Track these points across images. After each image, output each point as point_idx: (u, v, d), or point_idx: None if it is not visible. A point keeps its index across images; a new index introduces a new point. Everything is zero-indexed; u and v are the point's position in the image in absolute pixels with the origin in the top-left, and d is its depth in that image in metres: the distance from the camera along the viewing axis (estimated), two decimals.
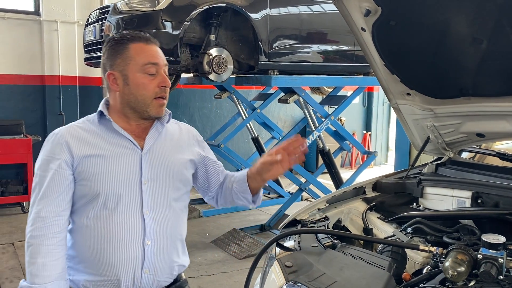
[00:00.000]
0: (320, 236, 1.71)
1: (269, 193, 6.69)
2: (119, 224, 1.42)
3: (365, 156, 5.84)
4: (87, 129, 1.47)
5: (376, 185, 2.27)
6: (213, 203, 1.73)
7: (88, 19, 4.63)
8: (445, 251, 1.42)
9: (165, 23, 3.90)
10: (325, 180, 5.80)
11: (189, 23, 3.96)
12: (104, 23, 4.12)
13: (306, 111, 5.23)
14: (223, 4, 4.11)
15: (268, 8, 4.36)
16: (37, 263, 1.34)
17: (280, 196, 6.41)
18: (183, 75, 5.35)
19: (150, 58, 1.45)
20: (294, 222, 1.89)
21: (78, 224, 1.45)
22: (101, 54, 4.65)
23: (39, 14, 6.16)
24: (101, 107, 1.50)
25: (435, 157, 2.42)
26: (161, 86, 1.46)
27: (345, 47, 4.99)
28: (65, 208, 1.41)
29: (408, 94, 2.10)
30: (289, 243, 1.74)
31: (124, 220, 1.42)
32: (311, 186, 5.23)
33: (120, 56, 1.45)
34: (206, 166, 1.65)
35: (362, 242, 1.80)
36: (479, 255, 1.34)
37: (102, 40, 4.16)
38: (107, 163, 1.42)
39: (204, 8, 4.00)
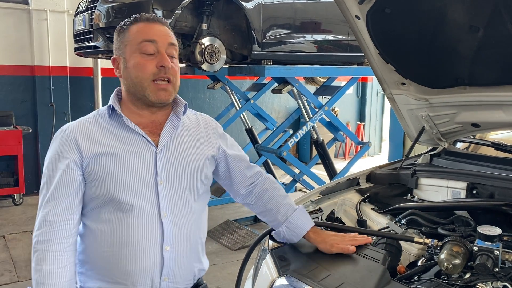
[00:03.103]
0: None
1: None
2: (135, 228, 1.31)
3: (359, 146, 5.83)
4: (97, 125, 1.35)
5: (370, 176, 2.25)
6: (248, 208, 1.62)
7: (77, 8, 4.55)
8: (440, 243, 1.40)
9: (156, 11, 3.83)
10: (319, 170, 5.78)
11: (180, 11, 3.89)
12: (94, 12, 4.04)
13: (300, 101, 5.19)
14: None
15: None
16: (43, 270, 1.24)
17: None
18: None
19: (146, 36, 1.32)
20: None
21: (90, 227, 1.34)
22: (91, 44, 4.56)
23: (27, 3, 6.04)
24: (111, 100, 1.37)
25: (430, 148, 2.40)
26: (159, 66, 1.32)
27: (339, 37, 4.94)
28: (74, 211, 1.30)
29: (403, 83, 2.07)
30: None
31: (140, 224, 1.31)
32: (305, 177, 5.22)
33: (121, 39, 1.36)
34: (227, 161, 1.52)
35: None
36: (474, 247, 1.32)
37: (92, 29, 4.09)
38: (119, 162, 1.31)
39: None
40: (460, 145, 2.46)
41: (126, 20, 1.39)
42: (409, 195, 2.11)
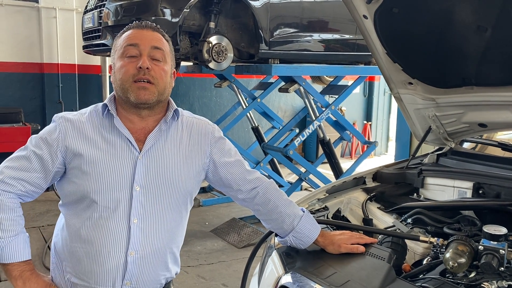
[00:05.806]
0: None
1: None
2: (103, 229, 1.33)
3: (365, 146, 5.82)
4: (91, 122, 1.38)
5: (377, 175, 2.25)
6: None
7: (86, 6, 4.58)
8: (445, 242, 1.41)
9: (164, 10, 3.85)
10: (325, 170, 5.78)
11: (188, 10, 3.91)
12: (103, 10, 4.07)
13: (306, 100, 5.19)
14: None
15: None
16: None
17: (280, 185, 6.41)
18: (183, 63, 5.30)
19: (130, 40, 1.36)
20: None
21: (67, 221, 1.39)
22: (99, 42, 4.57)
23: (37, 1, 6.09)
24: (107, 99, 1.40)
25: (436, 147, 2.40)
26: (138, 68, 1.33)
27: (346, 36, 4.94)
28: (32, 186, 1.32)
29: (410, 83, 2.07)
30: None
31: (109, 226, 1.33)
32: (311, 176, 5.22)
33: (113, 47, 1.42)
34: (217, 170, 1.48)
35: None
36: (480, 247, 1.33)
37: (100, 27, 4.12)
38: (100, 163, 1.33)
39: None
40: (467, 145, 2.45)
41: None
42: (415, 194, 2.11)
